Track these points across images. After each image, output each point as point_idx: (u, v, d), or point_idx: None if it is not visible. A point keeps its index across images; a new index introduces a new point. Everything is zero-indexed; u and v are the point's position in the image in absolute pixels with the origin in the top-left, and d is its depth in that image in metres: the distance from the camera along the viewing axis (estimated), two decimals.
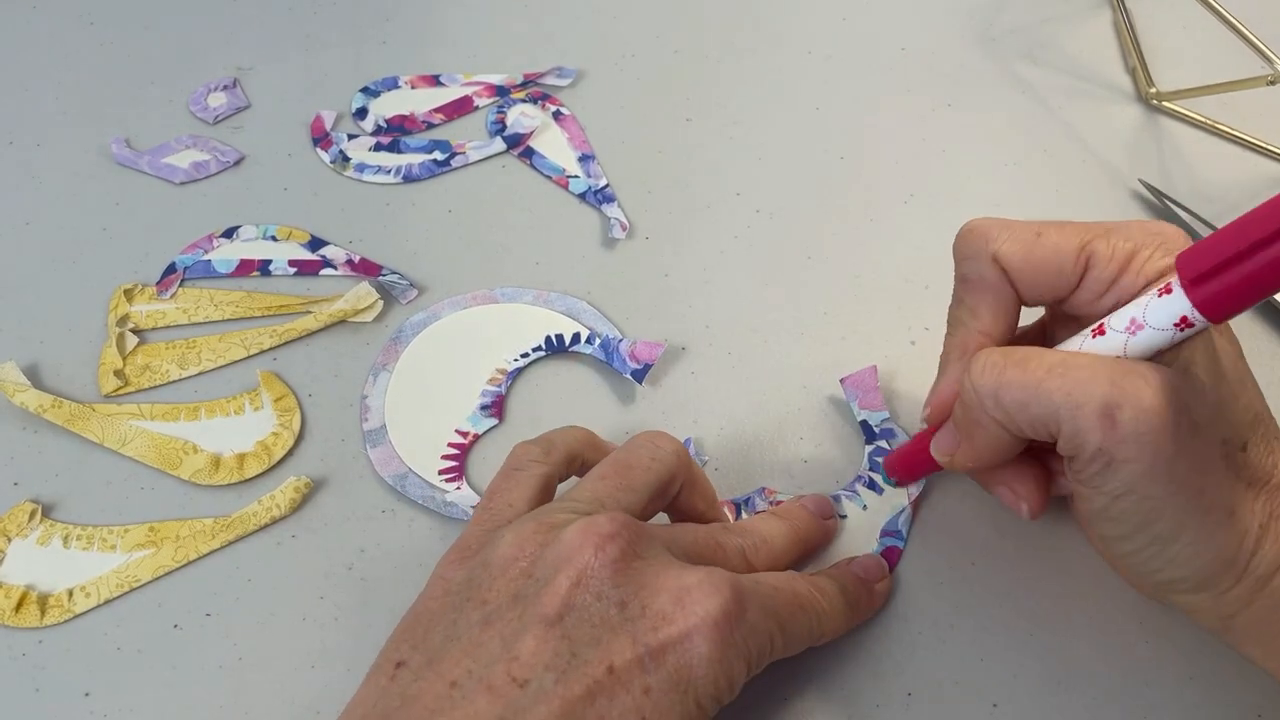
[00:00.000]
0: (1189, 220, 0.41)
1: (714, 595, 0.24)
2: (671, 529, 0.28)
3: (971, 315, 0.29)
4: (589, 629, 0.24)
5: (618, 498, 0.28)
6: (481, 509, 0.29)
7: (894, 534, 0.33)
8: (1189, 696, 0.30)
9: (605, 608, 0.24)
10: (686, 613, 0.24)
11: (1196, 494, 0.24)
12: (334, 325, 0.38)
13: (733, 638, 0.24)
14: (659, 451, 0.29)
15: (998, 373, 0.25)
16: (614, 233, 0.41)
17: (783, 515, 0.32)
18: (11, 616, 0.31)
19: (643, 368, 0.36)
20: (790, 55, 0.48)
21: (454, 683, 0.24)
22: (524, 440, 0.30)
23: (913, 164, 0.44)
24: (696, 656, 0.24)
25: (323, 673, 0.31)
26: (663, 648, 0.24)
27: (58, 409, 0.35)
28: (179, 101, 0.45)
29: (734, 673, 0.25)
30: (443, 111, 0.45)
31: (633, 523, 0.26)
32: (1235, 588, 0.25)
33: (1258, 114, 0.45)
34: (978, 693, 0.30)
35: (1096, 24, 0.50)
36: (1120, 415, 0.23)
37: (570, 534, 0.25)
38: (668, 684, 0.24)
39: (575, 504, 0.27)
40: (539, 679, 0.23)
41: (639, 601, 0.24)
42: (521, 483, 0.29)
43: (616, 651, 0.24)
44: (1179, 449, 0.23)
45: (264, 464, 0.34)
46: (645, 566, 0.25)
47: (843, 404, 0.36)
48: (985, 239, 0.28)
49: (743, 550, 0.29)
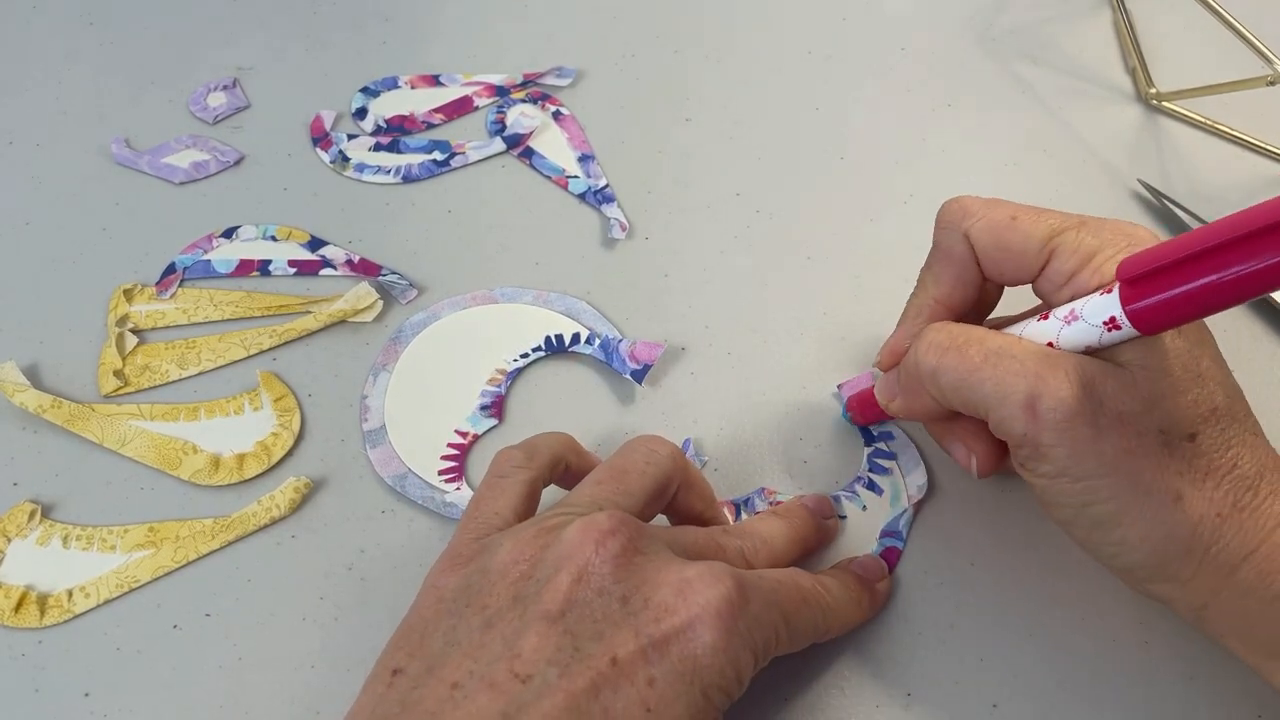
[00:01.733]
0: (1188, 220, 0.41)
1: (715, 585, 0.25)
2: (672, 530, 0.28)
3: (935, 282, 0.31)
4: (591, 624, 0.24)
5: (616, 500, 0.28)
6: (468, 517, 0.29)
7: (894, 534, 0.33)
8: (1189, 696, 0.30)
9: (607, 602, 0.24)
10: (689, 603, 0.24)
11: (1131, 477, 0.25)
12: (334, 325, 0.38)
13: (736, 626, 0.24)
14: (654, 455, 0.29)
15: (939, 354, 0.28)
16: (614, 233, 0.41)
17: (782, 515, 0.32)
18: (11, 617, 0.31)
19: (642, 368, 0.36)
20: (790, 55, 0.48)
21: (455, 684, 0.24)
22: (507, 446, 0.30)
23: (913, 164, 0.44)
24: (701, 645, 0.24)
25: (323, 673, 0.31)
26: (666, 639, 0.24)
27: (57, 409, 0.35)
28: (179, 101, 0.45)
29: (740, 662, 0.24)
30: (442, 111, 0.45)
31: (632, 520, 0.26)
32: (1198, 576, 0.26)
33: (1258, 114, 0.45)
34: (978, 693, 0.30)
35: (1096, 24, 0.50)
36: (1040, 406, 0.25)
37: (570, 532, 0.25)
38: (672, 675, 0.24)
39: (573, 508, 0.28)
40: (542, 673, 0.23)
41: (641, 595, 0.25)
42: (507, 490, 0.29)
43: (619, 644, 0.24)
44: (1099, 435, 0.25)
45: (264, 464, 0.34)
46: (646, 562, 0.25)
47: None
48: (963, 214, 0.30)
49: (742, 551, 0.29)
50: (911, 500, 0.34)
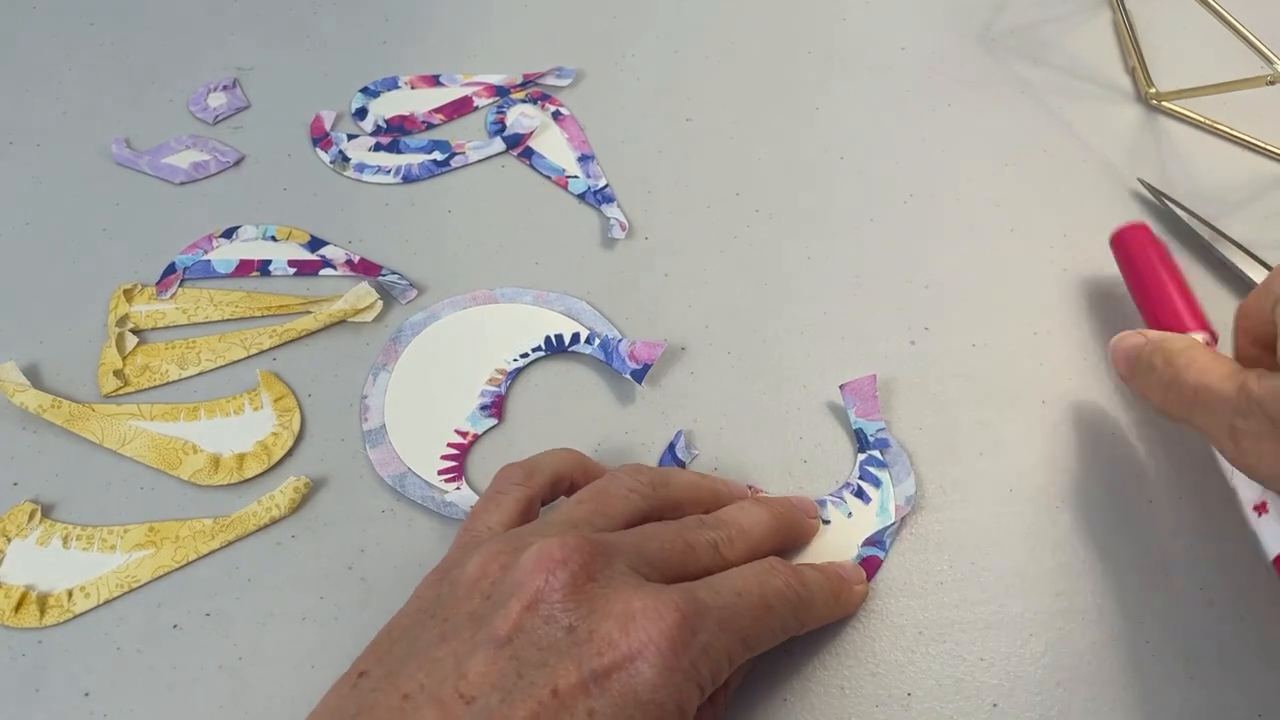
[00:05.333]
0: (1188, 220, 0.41)
1: (659, 620, 0.24)
2: (639, 537, 0.28)
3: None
4: (536, 652, 0.24)
5: (593, 521, 0.28)
6: (463, 529, 0.29)
7: (877, 543, 0.33)
8: (1189, 696, 0.30)
9: (553, 631, 0.25)
10: (630, 638, 0.24)
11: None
12: (334, 325, 0.38)
13: (679, 662, 0.24)
14: (639, 485, 0.30)
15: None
16: (614, 233, 0.41)
17: (766, 503, 0.32)
18: (11, 617, 0.31)
19: (642, 368, 0.36)
20: (790, 55, 0.48)
21: (406, 695, 0.24)
22: (510, 463, 0.31)
23: (913, 164, 0.44)
24: (641, 681, 0.24)
25: (323, 673, 0.30)
26: (607, 671, 0.24)
27: (57, 409, 0.35)
28: (179, 101, 0.45)
29: (682, 697, 0.24)
30: (442, 111, 0.45)
31: (590, 545, 0.26)
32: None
33: (1258, 114, 0.45)
34: (978, 693, 0.30)
35: (1096, 24, 0.50)
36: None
37: (526, 558, 0.26)
38: (612, 708, 0.24)
39: (548, 527, 0.28)
40: (485, 698, 0.23)
41: (586, 626, 0.25)
42: (502, 505, 0.29)
43: (561, 675, 0.24)
44: None
45: (264, 464, 0.34)
46: (597, 590, 0.25)
47: (843, 404, 0.36)
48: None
49: (716, 545, 0.29)
50: (900, 513, 0.33)
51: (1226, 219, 0.41)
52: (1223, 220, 0.41)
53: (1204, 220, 0.41)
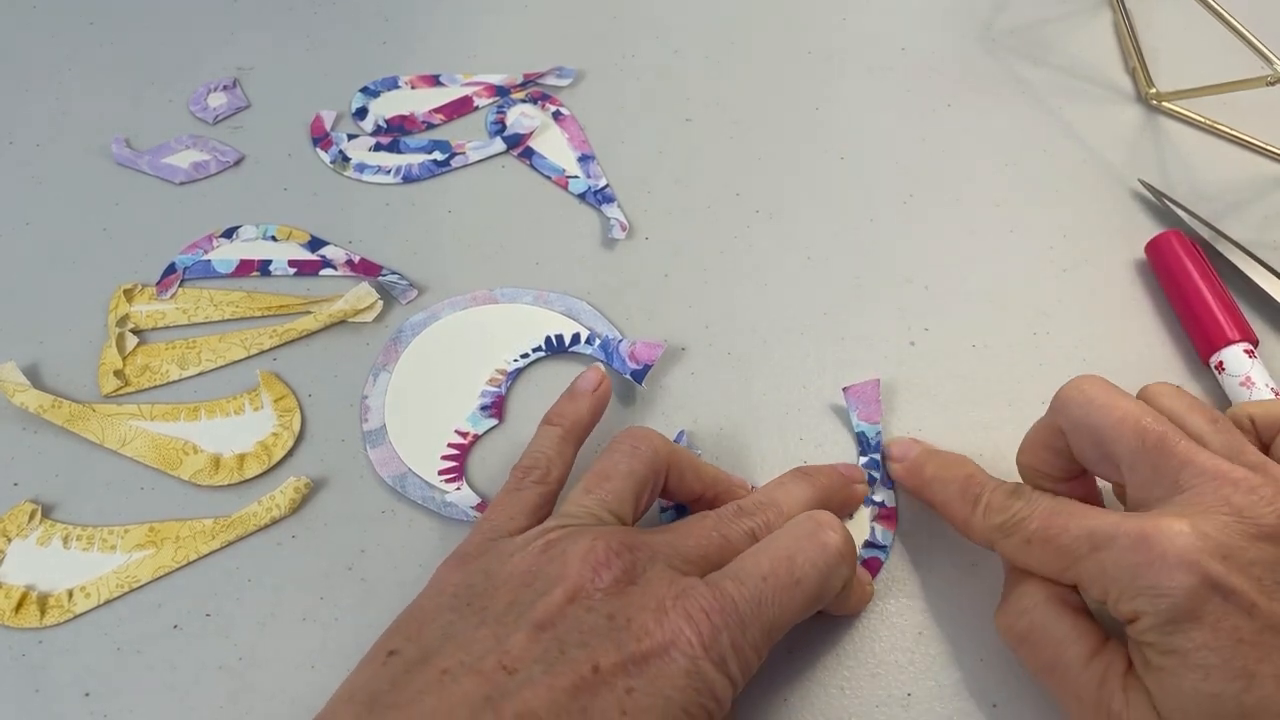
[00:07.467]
0: (1188, 220, 0.41)
1: (689, 621, 0.25)
2: (674, 535, 0.28)
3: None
4: (578, 634, 0.25)
5: (608, 505, 0.29)
6: (483, 521, 0.30)
7: (878, 545, 0.33)
8: None
9: (595, 618, 0.25)
10: (664, 629, 0.25)
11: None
12: (334, 325, 0.38)
13: (709, 655, 0.25)
14: (635, 452, 0.30)
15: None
16: (614, 233, 0.41)
17: (808, 474, 0.32)
18: (11, 617, 0.31)
19: (642, 368, 0.36)
20: (790, 55, 0.48)
21: (445, 670, 0.25)
22: (521, 464, 0.31)
23: (913, 164, 0.44)
24: (676, 669, 0.25)
25: (323, 673, 0.31)
26: (645, 656, 0.25)
27: (57, 409, 0.35)
28: (179, 101, 0.45)
29: (716, 687, 0.25)
30: (442, 111, 0.45)
31: (630, 544, 0.27)
32: None
33: (1258, 114, 0.45)
34: (978, 693, 0.30)
35: (1096, 24, 0.50)
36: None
37: (571, 555, 0.27)
38: (650, 688, 0.24)
39: (570, 519, 0.28)
40: (528, 669, 0.24)
41: (625, 614, 0.26)
42: (522, 499, 0.30)
43: (602, 655, 0.25)
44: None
45: (264, 464, 0.34)
46: (636, 591, 0.26)
47: (843, 404, 0.36)
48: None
49: (752, 533, 0.29)
50: (886, 509, 0.33)
51: (1226, 219, 0.41)
52: (1223, 220, 0.41)
53: (1204, 220, 0.41)
